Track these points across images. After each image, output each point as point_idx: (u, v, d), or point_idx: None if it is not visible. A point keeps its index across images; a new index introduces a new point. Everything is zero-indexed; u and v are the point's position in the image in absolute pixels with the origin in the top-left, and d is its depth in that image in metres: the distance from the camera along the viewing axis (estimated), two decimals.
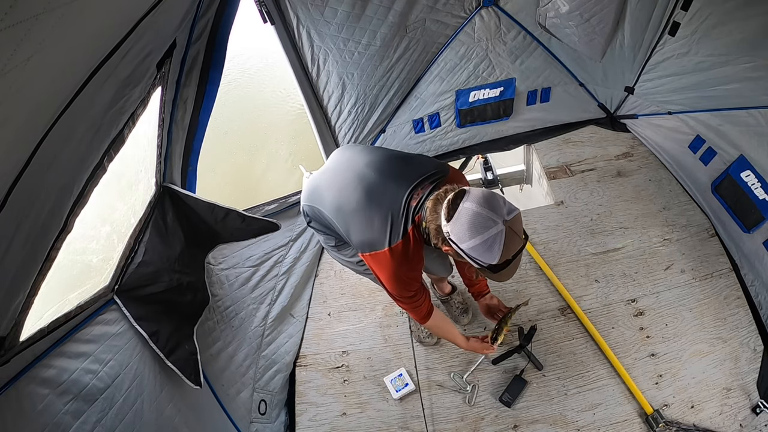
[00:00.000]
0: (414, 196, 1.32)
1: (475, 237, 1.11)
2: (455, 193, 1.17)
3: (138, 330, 1.41)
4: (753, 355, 2.02)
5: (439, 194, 1.22)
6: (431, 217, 1.22)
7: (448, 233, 1.16)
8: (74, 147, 0.95)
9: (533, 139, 2.74)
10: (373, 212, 1.33)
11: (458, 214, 1.13)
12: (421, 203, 1.30)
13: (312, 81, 2.12)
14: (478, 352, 1.83)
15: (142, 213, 1.49)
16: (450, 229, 1.15)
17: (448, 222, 1.15)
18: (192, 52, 1.51)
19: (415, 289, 1.49)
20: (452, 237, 1.15)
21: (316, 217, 1.55)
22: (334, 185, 1.46)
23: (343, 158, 1.53)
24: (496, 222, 1.10)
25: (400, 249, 1.31)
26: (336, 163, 1.54)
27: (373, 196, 1.35)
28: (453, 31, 2.15)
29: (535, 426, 1.94)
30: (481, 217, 1.10)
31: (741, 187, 2.06)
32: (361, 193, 1.36)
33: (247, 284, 2.04)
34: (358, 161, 1.45)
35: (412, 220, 1.31)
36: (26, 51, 0.58)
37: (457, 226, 1.13)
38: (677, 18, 1.93)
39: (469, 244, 1.12)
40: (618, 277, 2.26)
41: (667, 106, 2.37)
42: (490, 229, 1.10)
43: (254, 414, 1.93)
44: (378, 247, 1.33)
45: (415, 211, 1.31)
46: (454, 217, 1.13)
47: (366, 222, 1.34)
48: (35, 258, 0.95)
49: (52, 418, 1.06)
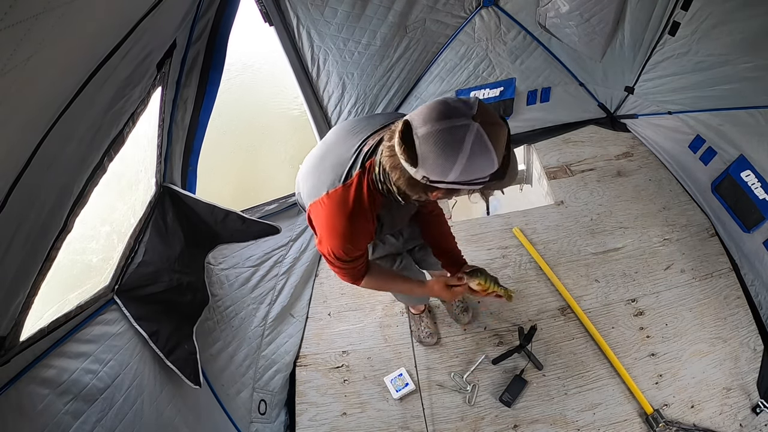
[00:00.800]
0: (367, 142, 1.14)
1: (457, 158, 0.87)
2: (400, 129, 0.91)
3: (138, 330, 1.41)
4: (753, 354, 2.02)
5: (386, 134, 1.00)
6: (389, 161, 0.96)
7: (426, 177, 0.91)
8: (74, 147, 0.95)
9: (533, 139, 2.74)
10: (323, 167, 1.19)
11: (420, 149, 0.88)
12: (375, 146, 1.12)
13: (312, 81, 2.12)
14: (443, 298, 1.50)
15: (142, 213, 1.49)
16: (425, 172, 0.90)
17: (416, 166, 0.90)
18: (192, 52, 1.51)
19: (356, 255, 1.25)
20: (432, 178, 0.91)
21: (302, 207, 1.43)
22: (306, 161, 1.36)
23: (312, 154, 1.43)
24: (466, 125, 0.86)
25: (339, 194, 1.11)
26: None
27: (327, 154, 1.22)
28: (453, 31, 2.15)
29: (535, 426, 1.94)
30: (446, 132, 0.86)
31: (741, 187, 2.06)
32: (319, 150, 1.26)
33: (247, 284, 2.04)
34: (327, 134, 1.35)
35: (362, 166, 1.11)
36: (26, 51, 0.58)
37: (428, 162, 0.88)
38: (677, 18, 1.93)
39: (456, 171, 0.88)
40: (618, 277, 2.26)
41: (667, 105, 2.37)
42: (466, 138, 0.86)
43: (254, 414, 1.93)
44: (316, 195, 1.15)
45: (365, 157, 1.11)
46: (418, 155, 0.88)
47: (314, 178, 1.20)
48: (35, 258, 0.95)
49: (52, 418, 1.06)
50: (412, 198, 1.04)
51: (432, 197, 1.02)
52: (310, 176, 1.24)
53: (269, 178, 4.07)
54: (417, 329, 2.15)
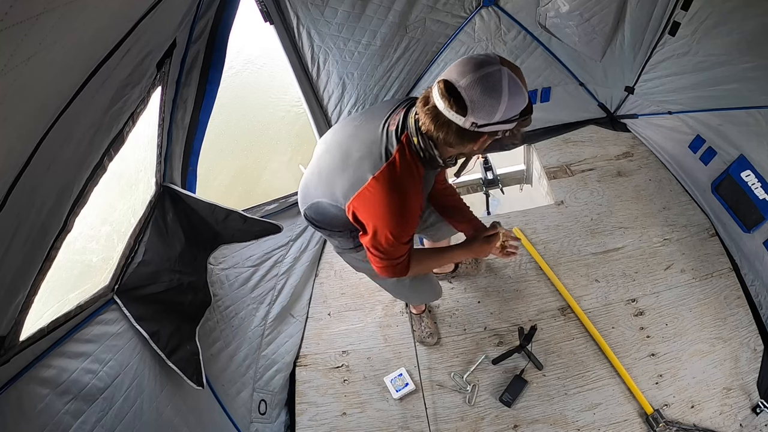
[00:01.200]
0: (390, 122, 1.17)
1: (501, 98, 0.97)
2: (441, 88, 1.00)
3: (138, 330, 1.41)
4: (753, 355, 2.02)
5: (422, 98, 1.07)
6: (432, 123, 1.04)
7: (474, 123, 1.00)
8: (74, 147, 0.95)
9: (533, 139, 2.74)
10: (351, 157, 1.19)
11: (467, 97, 0.98)
12: (401, 123, 1.15)
13: (312, 81, 2.12)
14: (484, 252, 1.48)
15: (142, 213, 1.49)
16: (474, 118, 0.99)
17: (465, 114, 0.99)
18: (192, 51, 1.51)
19: (408, 238, 1.26)
20: (480, 122, 1.00)
21: (318, 215, 1.41)
22: (316, 167, 1.37)
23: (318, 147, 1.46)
24: (498, 69, 0.98)
25: (386, 173, 1.13)
26: (315, 153, 1.46)
27: (349, 150, 1.21)
28: (453, 31, 2.15)
29: (535, 426, 1.94)
30: (486, 78, 0.97)
31: (741, 187, 2.06)
32: (336, 150, 1.26)
33: (247, 284, 2.04)
34: (329, 136, 1.38)
35: (398, 141, 1.14)
36: (26, 51, 0.58)
37: (477, 106, 0.98)
38: (677, 18, 1.93)
39: (501, 111, 0.99)
40: (618, 277, 2.26)
41: (667, 105, 2.37)
42: (502, 80, 0.97)
43: (254, 414, 1.93)
44: (359, 185, 1.14)
45: (398, 133, 1.15)
46: (467, 103, 0.98)
47: (348, 174, 1.18)
48: (35, 258, 0.95)
49: (52, 418, 1.06)
50: (456, 153, 1.14)
51: (476, 146, 1.09)
52: (339, 177, 1.22)
53: (269, 178, 4.07)
54: (417, 329, 2.15)
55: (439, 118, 1.03)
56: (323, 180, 1.31)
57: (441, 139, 1.06)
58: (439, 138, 1.06)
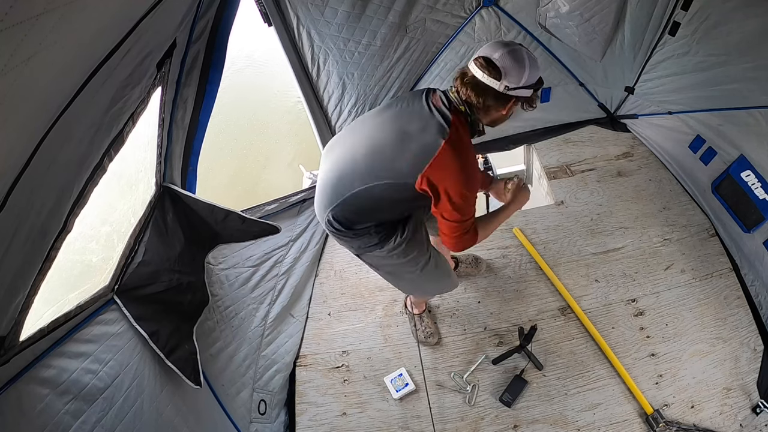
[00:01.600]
0: (432, 100, 1.35)
1: (525, 65, 1.26)
2: (481, 61, 1.28)
3: (138, 330, 1.41)
4: (753, 355, 2.02)
5: (458, 76, 1.32)
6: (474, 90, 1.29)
7: (507, 86, 1.26)
8: (74, 147, 0.95)
9: (533, 139, 2.74)
10: (408, 133, 1.33)
11: (501, 65, 1.25)
12: (445, 99, 1.35)
13: (312, 81, 2.12)
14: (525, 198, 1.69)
15: (142, 213, 1.49)
16: (507, 81, 1.26)
17: (500, 79, 1.26)
18: (192, 52, 1.51)
19: (478, 187, 1.46)
20: (511, 85, 1.27)
21: (351, 210, 1.43)
22: (347, 160, 1.42)
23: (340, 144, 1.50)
24: (519, 47, 1.29)
25: (453, 136, 1.30)
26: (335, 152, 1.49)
27: (399, 125, 1.35)
28: (453, 31, 2.15)
29: (535, 426, 1.94)
30: (513, 52, 1.26)
31: (741, 187, 2.06)
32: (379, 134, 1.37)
33: (247, 284, 2.04)
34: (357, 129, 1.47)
35: (451, 110, 1.33)
36: (26, 51, 0.58)
37: (509, 71, 1.25)
38: (677, 18, 1.93)
39: (525, 75, 1.27)
40: (618, 277, 2.26)
41: (668, 105, 2.37)
42: (523, 54, 1.27)
43: (254, 414, 1.93)
44: (433, 150, 1.29)
45: (447, 106, 1.33)
46: (501, 70, 1.25)
47: (407, 142, 1.33)
48: (35, 258, 0.95)
49: (52, 418, 1.06)
50: (489, 120, 1.38)
51: (505, 111, 1.35)
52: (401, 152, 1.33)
53: (269, 178, 4.08)
54: (422, 327, 2.15)
55: (478, 85, 1.29)
56: (369, 165, 1.37)
57: (481, 103, 1.30)
58: (480, 103, 1.30)
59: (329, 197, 1.46)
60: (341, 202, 1.43)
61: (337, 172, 1.44)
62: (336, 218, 1.47)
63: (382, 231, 1.50)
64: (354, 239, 1.52)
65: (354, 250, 1.59)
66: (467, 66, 1.32)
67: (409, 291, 1.97)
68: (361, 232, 1.50)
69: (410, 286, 1.87)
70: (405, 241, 1.53)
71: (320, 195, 1.51)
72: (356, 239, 1.52)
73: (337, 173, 1.45)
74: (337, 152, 1.49)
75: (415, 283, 1.80)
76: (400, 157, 1.33)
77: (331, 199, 1.45)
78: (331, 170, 1.47)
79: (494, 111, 1.35)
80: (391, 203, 1.42)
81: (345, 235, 1.51)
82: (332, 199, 1.45)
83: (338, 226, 1.48)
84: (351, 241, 1.54)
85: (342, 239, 1.55)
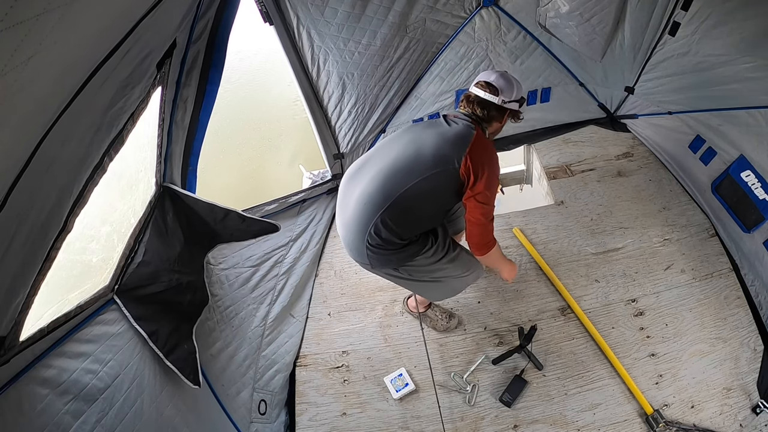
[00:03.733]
0: (447, 117, 1.61)
1: (514, 83, 1.61)
2: (482, 84, 1.61)
3: (138, 330, 1.41)
4: (753, 355, 2.02)
5: (463, 100, 1.65)
6: (480, 105, 1.60)
7: (503, 100, 1.59)
8: (74, 147, 0.95)
9: (533, 139, 2.74)
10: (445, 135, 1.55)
11: (497, 85, 1.59)
12: (461, 113, 1.62)
13: (312, 81, 2.12)
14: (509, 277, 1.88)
15: (142, 213, 1.49)
16: (503, 96, 1.59)
17: (497, 95, 1.58)
18: (192, 52, 1.51)
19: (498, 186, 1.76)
20: (506, 99, 1.59)
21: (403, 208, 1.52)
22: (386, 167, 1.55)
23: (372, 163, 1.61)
24: (506, 71, 1.68)
25: (481, 133, 1.57)
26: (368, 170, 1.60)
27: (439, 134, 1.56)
28: (453, 31, 2.15)
29: (535, 426, 1.94)
30: (502, 74, 1.62)
31: (741, 187, 2.06)
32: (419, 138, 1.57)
33: (247, 284, 2.04)
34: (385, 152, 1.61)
35: (474, 120, 1.59)
36: (26, 51, 0.58)
37: (503, 88, 1.59)
38: (677, 18, 1.93)
39: (516, 90, 1.61)
40: (618, 277, 2.26)
41: (667, 106, 2.37)
42: (510, 75, 1.63)
43: (254, 414, 1.93)
44: (469, 137, 1.52)
45: (462, 117, 1.60)
46: (498, 88, 1.58)
47: (446, 137, 1.54)
48: (35, 258, 0.95)
49: (52, 418, 1.06)
50: (492, 130, 1.67)
51: (503, 121, 1.66)
52: (446, 143, 1.53)
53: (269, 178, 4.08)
54: (433, 321, 2.15)
55: (482, 102, 1.61)
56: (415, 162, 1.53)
57: (485, 115, 1.61)
58: (485, 115, 1.61)
59: (380, 201, 1.52)
60: (393, 203, 1.50)
61: (388, 176, 1.54)
62: (387, 221, 1.51)
63: (421, 237, 1.64)
64: (397, 252, 1.58)
65: (394, 264, 1.64)
66: (470, 90, 1.65)
67: (446, 292, 1.93)
68: (405, 242, 1.58)
69: (447, 287, 1.86)
70: (438, 243, 1.68)
71: (362, 206, 1.54)
72: (399, 252, 1.59)
73: (387, 176, 1.54)
74: (376, 165, 1.58)
75: (451, 279, 1.81)
76: (442, 146, 1.53)
77: (384, 201, 1.51)
78: (380, 175, 1.54)
79: (495, 121, 1.64)
80: (434, 200, 1.58)
81: (387, 249, 1.56)
82: (384, 202, 1.51)
83: (385, 236, 1.53)
84: (394, 254, 1.59)
85: (383, 256, 1.58)
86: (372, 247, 1.55)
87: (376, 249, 1.56)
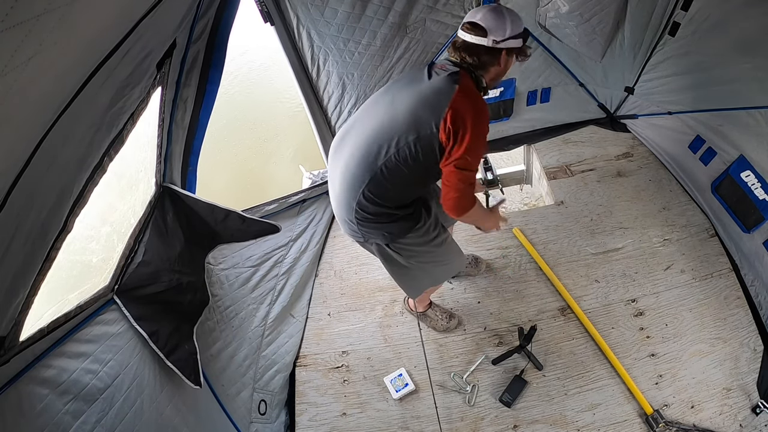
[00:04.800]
0: (434, 68, 1.43)
1: (505, 17, 1.37)
2: (466, 26, 1.40)
3: (138, 330, 1.41)
4: (753, 355, 2.02)
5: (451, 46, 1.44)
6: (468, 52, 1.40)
7: (494, 40, 1.37)
8: (74, 147, 0.95)
9: (533, 139, 2.74)
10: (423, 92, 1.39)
11: (484, 24, 1.36)
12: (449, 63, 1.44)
13: (312, 81, 2.12)
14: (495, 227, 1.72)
15: (142, 213, 1.49)
16: (493, 36, 1.37)
17: (486, 35, 1.37)
18: (192, 52, 1.51)
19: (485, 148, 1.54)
20: (498, 38, 1.37)
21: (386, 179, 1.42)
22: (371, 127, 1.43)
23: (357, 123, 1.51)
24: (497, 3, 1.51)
25: (466, 85, 1.38)
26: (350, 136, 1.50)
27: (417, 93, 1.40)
28: (453, 31, 2.14)
29: (535, 426, 1.94)
30: (492, 8, 1.38)
31: (741, 187, 2.06)
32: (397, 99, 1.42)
33: (247, 284, 2.04)
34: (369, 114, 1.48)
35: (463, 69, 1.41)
36: (27, 52, 0.58)
37: (492, 27, 1.36)
38: (677, 18, 1.93)
39: (509, 26, 1.37)
40: (618, 277, 2.26)
41: (667, 106, 2.37)
42: (502, 8, 1.39)
43: (254, 414, 1.93)
44: (450, 93, 1.34)
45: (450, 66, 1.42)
46: (485, 27, 1.36)
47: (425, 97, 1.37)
48: (35, 258, 0.95)
49: (52, 418, 1.06)
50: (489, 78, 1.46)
51: (501, 64, 1.43)
52: (422, 106, 1.37)
53: (269, 178, 4.08)
54: (433, 322, 2.15)
55: (469, 47, 1.40)
56: (394, 129, 1.39)
57: (476, 61, 1.41)
58: (475, 61, 1.41)
59: (360, 176, 1.44)
60: (374, 176, 1.42)
61: (364, 149, 1.43)
62: (370, 195, 1.44)
63: (412, 212, 1.57)
64: (388, 224, 1.53)
65: (385, 240, 1.59)
66: (457, 35, 1.44)
67: (430, 281, 1.89)
68: (395, 215, 1.52)
69: (430, 275, 1.83)
70: (432, 219, 1.63)
71: (345, 182, 1.47)
72: (390, 224, 1.53)
73: (364, 150, 1.43)
74: (354, 136, 1.48)
75: (437, 265, 1.78)
76: (418, 108, 1.38)
77: (364, 176, 1.43)
78: (358, 149, 1.45)
79: (490, 66, 1.43)
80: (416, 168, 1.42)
81: (377, 221, 1.50)
82: (364, 177, 1.43)
83: (372, 210, 1.47)
84: (384, 227, 1.53)
85: (372, 230, 1.53)
86: (360, 220, 1.50)
87: (365, 222, 1.51)
